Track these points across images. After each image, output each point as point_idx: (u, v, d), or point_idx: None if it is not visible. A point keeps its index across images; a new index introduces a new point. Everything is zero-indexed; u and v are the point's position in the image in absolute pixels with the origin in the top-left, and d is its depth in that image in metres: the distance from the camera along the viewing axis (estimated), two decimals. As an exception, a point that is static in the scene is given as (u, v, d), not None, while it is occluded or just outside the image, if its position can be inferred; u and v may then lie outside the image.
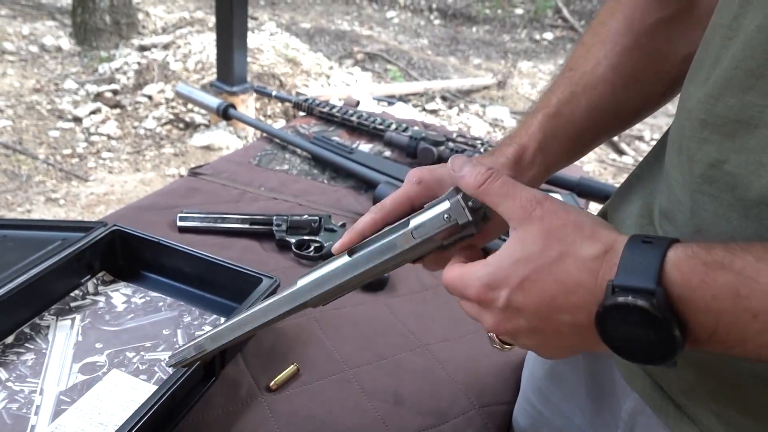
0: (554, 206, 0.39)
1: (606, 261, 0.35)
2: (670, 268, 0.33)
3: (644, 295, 0.32)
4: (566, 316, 0.37)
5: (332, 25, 5.51)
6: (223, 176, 1.09)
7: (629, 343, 0.34)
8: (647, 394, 0.48)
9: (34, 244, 0.75)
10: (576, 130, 0.54)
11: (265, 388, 0.65)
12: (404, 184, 0.51)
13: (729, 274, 0.31)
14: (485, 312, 0.40)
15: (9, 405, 0.59)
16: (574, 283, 0.36)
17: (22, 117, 3.25)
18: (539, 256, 0.37)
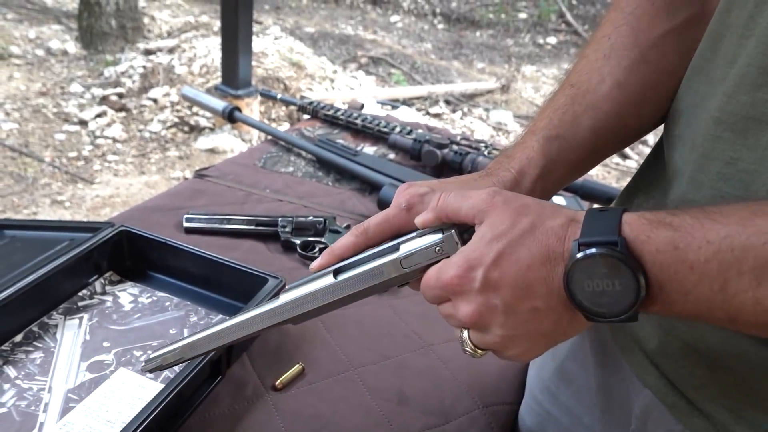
0: (511, 193, 0.41)
1: (571, 227, 0.38)
2: (624, 227, 0.37)
3: (608, 246, 0.36)
4: (541, 288, 0.38)
5: (336, 30, 5.53)
6: (228, 178, 1.09)
7: (596, 299, 0.37)
8: (659, 390, 0.49)
9: (42, 245, 0.76)
10: (578, 156, 0.53)
11: (271, 387, 0.65)
12: (392, 208, 0.49)
13: (669, 229, 0.35)
14: (461, 301, 0.40)
15: (18, 402, 0.60)
16: (546, 250, 0.38)
17: (29, 120, 3.27)
18: (510, 231, 0.39)
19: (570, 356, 0.63)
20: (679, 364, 0.47)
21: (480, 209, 0.41)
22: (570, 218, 0.39)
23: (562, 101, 0.53)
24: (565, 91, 0.53)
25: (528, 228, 0.39)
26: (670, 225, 0.36)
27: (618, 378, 0.55)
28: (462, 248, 0.41)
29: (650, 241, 0.35)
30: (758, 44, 0.38)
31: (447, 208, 0.43)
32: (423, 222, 0.44)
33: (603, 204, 1.15)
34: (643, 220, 0.37)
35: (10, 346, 0.67)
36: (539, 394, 0.67)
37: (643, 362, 0.50)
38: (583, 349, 0.61)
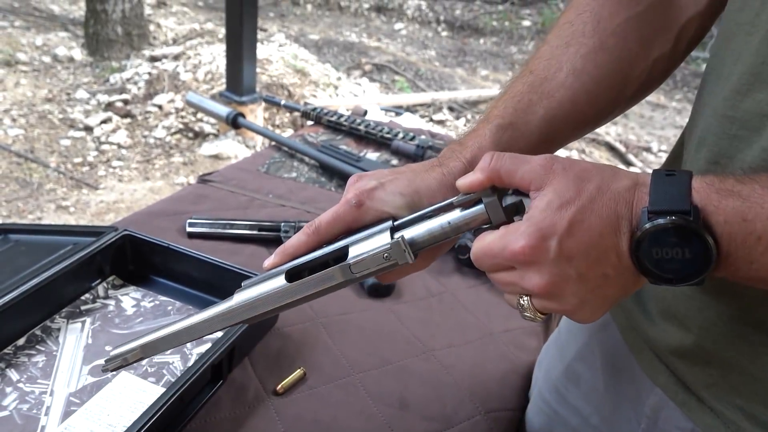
0: (569, 159, 0.40)
1: (638, 191, 0.37)
2: (693, 194, 0.36)
3: (680, 216, 0.35)
4: (612, 255, 0.37)
5: (340, 37, 5.55)
6: (231, 183, 1.10)
7: (665, 265, 0.36)
8: (670, 388, 0.49)
9: (45, 249, 0.77)
10: (529, 144, 0.51)
11: (272, 391, 0.65)
12: (342, 204, 0.48)
13: (737, 200, 0.35)
14: (531, 271, 0.38)
15: (20, 405, 0.60)
16: (615, 216, 0.37)
17: (34, 126, 3.29)
18: (578, 197, 0.37)
19: (578, 357, 0.63)
20: (690, 363, 0.47)
21: (539, 174, 0.39)
22: (635, 181, 0.38)
23: (518, 89, 0.52)
24: (523, 78, 0.52)
25: (595, 193, 0.37)
26: (738, 194, 0.35)
27: (627, 378, 0.55)
28: (527, 217, 0.38)
29: (718, 212, 0.35)
30: (762, 40, 0.38)
31: (501, 169, 0.40)
32: (470, 184, 0.42)
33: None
34: (711, 189, 0.36)
35: (12, 349, 0.67)
36: (547, 395, 0.67)
37: (653, 361, 0.51)
38: (592, 349, 0.61)
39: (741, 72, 0.40)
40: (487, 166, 0.41)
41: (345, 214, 0.47)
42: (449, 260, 0.94)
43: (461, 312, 0.83)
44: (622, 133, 4.20)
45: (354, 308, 0.81)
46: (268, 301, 0.47)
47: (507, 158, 0.41)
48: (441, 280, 0.89)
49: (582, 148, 3.86)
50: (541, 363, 0.72)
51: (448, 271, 0.91)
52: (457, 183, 0.43)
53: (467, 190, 0.42)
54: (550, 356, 0.70)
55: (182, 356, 0.68)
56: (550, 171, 0.39)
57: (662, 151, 3.95)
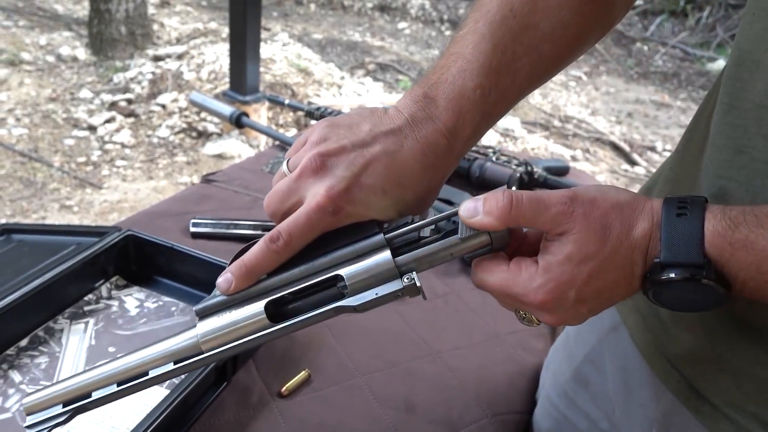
0: (587, 197, 0.38)
1: (653, 237, 0.37)
2: (707, 246, 0.36)
3: (694, 269, 0.35)
4: (623, 290, 0.39)
5: (344, 36, 5.55)
6: (235, 183, 1.09)
7: (677, 304, 0.38)
8: (682, 393, 0.48)
9: (49, 249, 0.76)
10: (508, 107, 0.47)
11: (277, 393, 0.65)
12: (315, 211, 0.40)
13: (751, 254, 0.35)
14: (545, 312, 0.39)
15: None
16: (631, 263, 0.38)
17: (38, 125, 3.29)
18: (599, 252, 0.37)
19: (587, 360, 0.62)
20: (702, 369, 0.46)
21: (560, 222, 0.38)
22: (652, 221, 0.37)
23: (501, 36, 0.44)
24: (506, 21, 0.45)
25: (616, 244, 0.37)
26: (752, 248, 0.35)
27: (638, 382, 0.54)
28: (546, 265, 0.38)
29: (731, 264, 0.36)
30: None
31: (520, 218, 0.38)
32: (483, 226, 0.39)
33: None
34: (724, 241, 0.36)
35: (15, 350, 0.66)
36: (556, 398, 0.66)
37: (665, 366, 0.50)
38: (601, 353, 0.60)
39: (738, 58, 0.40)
40: (505, 214, 0.38)
41: (319, 222, 0.41)
42: (455, 261, 0.93)
43: (467, 313, 0.82)
44: (626, 133, 4.18)
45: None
46: (246, 343, 0.40)
47: (526, 205, 0.38)
48: (446, 282, 0.88)
49: (587, 147, 3.85)
50: (549, 365, 0.72)
51: (453, 272, 0.91)
52: (462, 215, 0.39)
53: (477, 228, 0.39)
54: (558, 359, 0.69)
55: (186, 358, 0.67)
56: (570, 217, 0.37)
57: (667, 150, 3.93)
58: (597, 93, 4.91)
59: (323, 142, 0.42)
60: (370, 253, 0.40)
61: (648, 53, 5.83)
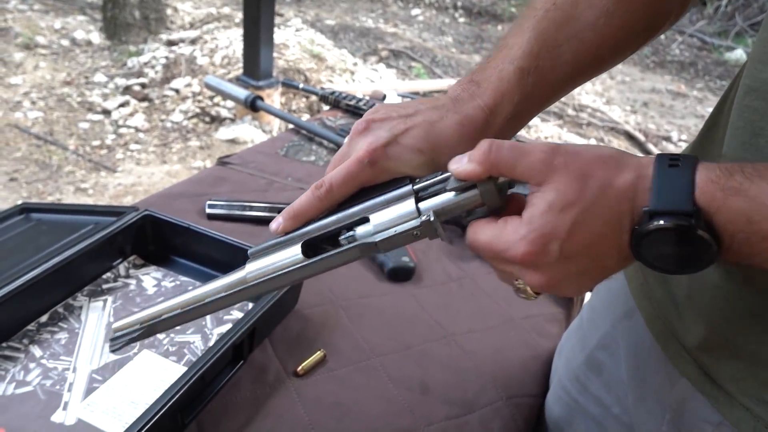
0: (570, 149, 0.38)
1: (640, 185, 0.36)
2: (698, 193, 0.34)
3: (683, 217, 0.34)
4: (613, 252, 0.37)
5: (357, 22, 5.51)
6: (250, 166, 1.09)
7: (665, 260, 0.36)
8: (697, 380, 0.48)
9: (67, 228, 0.77)
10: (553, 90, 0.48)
11: (293, 373, 0.65)
12: (354, 163, 0.44)
13: (744, 200, 0.34)
14: (530, 271, 0.38)
15: (43, 381, 0.61)
16: (618, 214, 0.36)
17: (53, 109, 3.32)
18: (581, 197, 0.36)
19: (600, 345, 0.62)
20: (717, 356, 0.46)
21: (539, 170, 0.37)
22: (638, 173, 0.36)
23: (543, 26, 0.47)
24: (548, 13, 0.48)
25: (598, 193, 0.36)
26: (745, 194, 0.34)
27: (652, 368, 0.54)
28: (528, 216, 0.37)
29: (721, 212, 0.34)
30: None
31: (500, 163, 0.38)
32: (466, 175, 0.39)
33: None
34: (716, 187, 0.34)
35: (35, 326, 0.67)
36: (568, 383, 0.66)
37: (680, 352, 0.49)
38: (615, 338, 0.60)
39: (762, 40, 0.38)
40: (484, 158, 0.39)
41: (358, 173, 0.44)
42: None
43: (481, 297, 0.82)
44: (641, 122, 4.14)
45: (374, 292, 0.80)
46: (282, 276, 0.44)
47: (506, 150, 0.38)
48: (461, 265, 0.88)
49: (601, 137, 3.81)
50: (562, 350, 0.71)
51: (467, 255, 0.90)
52: (449, 167, 0.40)
53: (461, 178, 0.40)
54: (571, 344, 0.69)
55: (203, 336, 0.68)
56: (551, 167, 0.37)
57: (682, 141, 3.89)
58: (612, 82, 4.86)
59: (374, 113, 0.47)
60: (397, 200, 0.43)
61: (665, 42, 5.75)
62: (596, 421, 0.63)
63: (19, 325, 0.66)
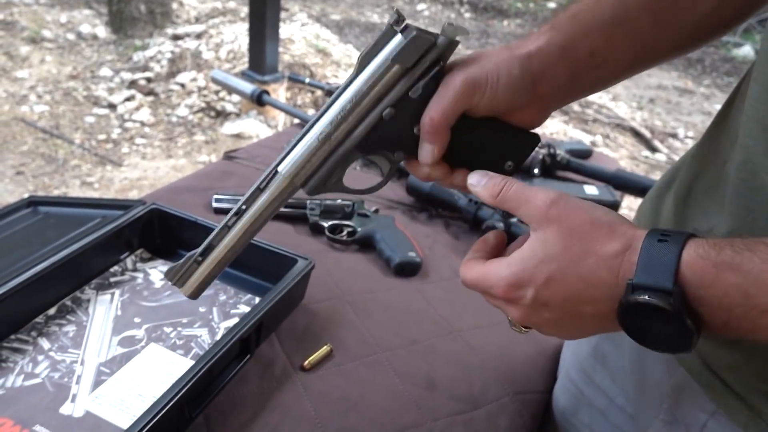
0: (570, 205, 0.40)
1: (626, 259, 0.37)
2: (684, 269, 0.35)
3: (662, 295, 0.35)
4: (588, 308, 0.39)
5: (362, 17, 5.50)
6: (257, 160, 1.09)
7: (648, 334, 0.37)
8: (694, 369, 0.49)
9: (74, 221, 0.77)
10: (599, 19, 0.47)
11: (299, 367, 0.65)
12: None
13: (738, 275, 0.34)
14: (511, 307, 0.42)
15: (51, 374, 0.61)
16: (597, 280, 0.38)
17: (59, 103, 3.32)
18: (562, 255, 0.38)
19: (606, 336, 0.63)
20: (715, 345, 0.47)
21: (535, 218, 0.40)
22: (626, 245, 0.37)
23: None
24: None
25: (580, 255, 0.38)
26: (738, 269, 0.34)
27: (653, 358, 0.55)
28: (512, 260, 0.41)
29: (715, 287, 0.34)
30: None
31: (505, 204, 0.43)
32: (478, 196, 0.45)
33: (636, 194, 1.12)
34: (707, 263, 0.35)
35: (44, 318, 0.67)
36: (574, 375, 0.66)
37: None
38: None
39: None
40: (493, 193, 0.43)
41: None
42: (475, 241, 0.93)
43: (488, 293, 0.82)
44: (647, 119, 4.12)
45: (380, 287, 0.80)
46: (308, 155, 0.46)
47: (512, 193, 0.42)
48: (467, 261, 0.88)
49: (607, 133, 3.80)
50: (569, 343, 0.72)
51: (474, 252, 0.90)
52: (470, 180, 0.45)
53: (475, 194, 0.45)
54: None
55: (210, 330, 0.68)
56: (546, 217, 0.39)
57: (689, 138, 3.87)
58: (618, 78, 4.82)
59: None
60: None
61: (672, 38, 5.71)
62: (601, 411, 0.63)
63: (27, 318, 0.67)
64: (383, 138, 0.46)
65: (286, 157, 0.47)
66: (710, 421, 0.48)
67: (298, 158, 0.46)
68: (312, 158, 0.46)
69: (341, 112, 0.45)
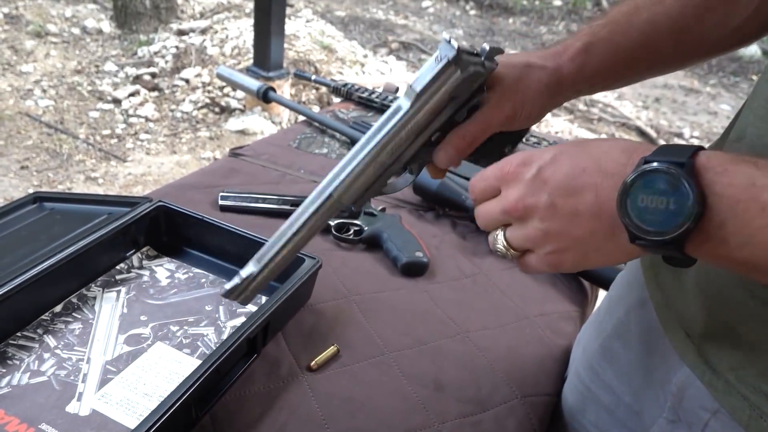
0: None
1: (641, 147, 0.38)
2: (700, 155, 0.35)
3: (673, 166, 0.35)
4: (589, 194, 0.38)
5: (367, 14, 5.49)
6: (263, 158, 1.09)
7: (646, 215, 0.35)
8: (698, 367, 0.49)
9: (81, 218, 0.77)
10: (627, 42, 0.52)
11: (306, 367, 0.65)
12: None
13: (749, 166, 0.34)
14: (510, 188, 0.42)
15: (57, 372, 0.61)
16: (607, 160, 0.38)
17: (64, 97, 3.32)
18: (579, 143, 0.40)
19: (614, 333, 0.62)
20: (718, 345, 0.47)
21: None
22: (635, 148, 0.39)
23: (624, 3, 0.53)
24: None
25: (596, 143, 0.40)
26: (754, 163, 0.34)
27: (658, 356, 0.55)
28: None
29: (726, 173, 0.34)
30: None
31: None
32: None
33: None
34: (725, 157, 0.35)
35: (50, 315, 0.67)
36: (582, 372, 0.66)
37: (684, 340, 0.50)
38: (628, 326, 0.61)
39: None
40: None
41: None
42: (483, 241, 0.92)
43: (496, 294, 0.81)
44: (653, 118, 4.10)
45: (387, 287, 0.80)
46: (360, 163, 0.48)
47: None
48: (475, 261, 0.87)
49: (612, 132, 3.78)
50: (580, 341, 0.72)
51: (481, 252, 0.90)
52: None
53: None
54: (589, 334, 0.69)
55: (216, 329, 0.68)
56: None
57: (694, 137, 3.85)
58: (624, 77, 4.81)
59: None
60: None
61: (678, 37, 5.68)
62: (607, 408, 0.63)
63: (34, 315, 0.66)
64: (426, 154, 0.50)
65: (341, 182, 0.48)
66: (712, 420, 0.48)
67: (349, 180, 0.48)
68: (362, 180, 0.48)
69: (394, 139, 0.47)
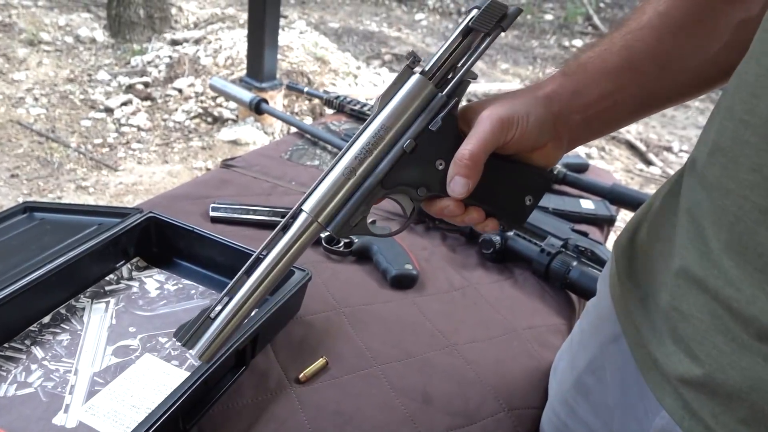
0: None
1: None
2: None
3: None
4: None
5: (360, 26, 5.52)
6: (254, 169, 1.09)
7: None
8: (676, 413, 0.46)
9: (71, 228, 0.77)
10: (612, 67, 0.51)
11: (295, 379, 0.65)
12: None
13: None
14: None
15: (45, 383, 0.60)
16: None
17: (56, 106, 3.31)
18: None
19: (588, 369, 0.61)
20: (697, 391, 0.45)
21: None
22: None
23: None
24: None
25: None
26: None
27: (635, 395, 0.53)
28: None
29: None
30: None
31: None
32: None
33: (632, 209, 1.12)
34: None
35: (38, 326, 0.67)
36: (558, 406, 0.65)
37: (661, 383, 0.48)
38: (602, 363, 0.59)
39: (757, 73, 0.38)
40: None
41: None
42: (473, 254, 0.93)
43: (484, 307, 0.82)
44: (642, 132, 4.14)
45: (376, 299, 0.80)
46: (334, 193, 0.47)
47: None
48: (464, 274, 0.88)
49: (602, 146, 3.82)
50: (556, 370, 0.70)
51: (471, 265, 0.90)
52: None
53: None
54: (562, 366, 0.67)
55: (205, 341, 0.68)
56: None
57: (683, 151, 3.89)
58: (614, 91, 4.85)
59: None
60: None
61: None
62: None
63: (21, 326, 0.66)
64: (406, 173, 0.47)
65: (311, 195, 0.47)
66: None
67: (323, 194, 0.46)
68: (337, 194, 0.46)
69: (366, 147, 0.46)
